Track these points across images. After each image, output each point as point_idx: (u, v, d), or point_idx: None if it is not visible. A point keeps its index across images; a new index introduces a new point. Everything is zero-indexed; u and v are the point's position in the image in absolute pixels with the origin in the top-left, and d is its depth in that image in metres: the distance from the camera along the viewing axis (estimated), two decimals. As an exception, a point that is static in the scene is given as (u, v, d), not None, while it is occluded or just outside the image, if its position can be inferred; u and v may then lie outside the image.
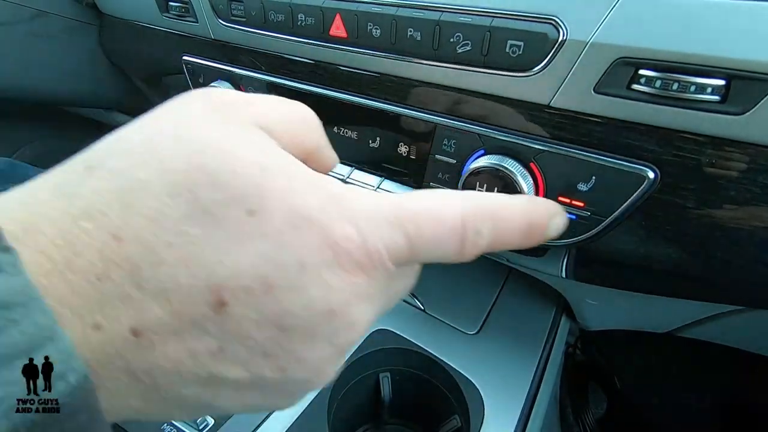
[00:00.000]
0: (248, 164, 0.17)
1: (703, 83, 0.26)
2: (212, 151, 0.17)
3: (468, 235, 0.20)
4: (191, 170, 0.16)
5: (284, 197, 0.17)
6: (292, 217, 0.17)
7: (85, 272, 0.15)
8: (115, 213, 0.16)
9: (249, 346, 0.17)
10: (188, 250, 0.16)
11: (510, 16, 0.31)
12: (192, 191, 0.16)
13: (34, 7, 0.66)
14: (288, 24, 0.42)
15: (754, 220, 0.30)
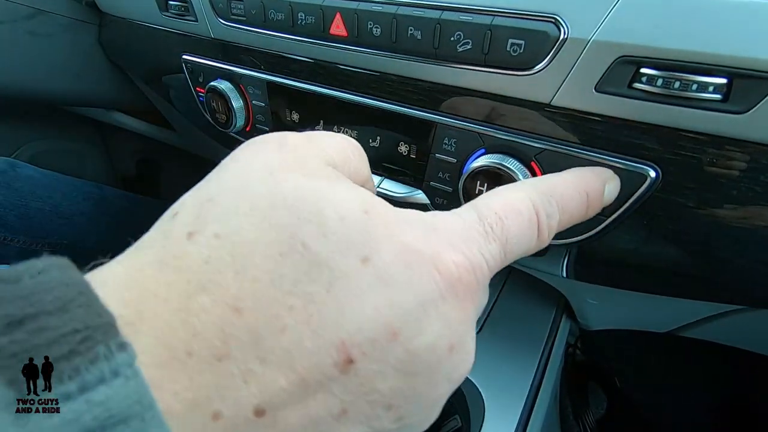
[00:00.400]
0: (352, 209, 0.17)
1: (704, 82, 0.26)
2: (314, 199, 0.16)
3: (543, 221, 0.21)
4: (299, 222, 0.16)
5: (391, 238, 0.17)
6: (403, 257, 0.16)
7: (205, 356, 0.14)
8: (230, 282, 0.15)
9: (372, 401, 0.16)
10: (310, 309, 0.15)
11: (511, 14, 0.31)
12: (305, 245, 0.15)
13: (32, 6, 0.66)
14: (288, 23, 0.42)
15: (756, 219, 0.29)
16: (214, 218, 0.16)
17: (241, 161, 0.19)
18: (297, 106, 0.48)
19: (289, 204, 0.16)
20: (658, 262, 0.35)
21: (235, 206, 0.16)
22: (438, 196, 0.41)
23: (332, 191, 0.17)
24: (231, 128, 0.52)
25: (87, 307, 0.13)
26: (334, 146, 0.21)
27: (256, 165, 0.18)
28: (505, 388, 0.48)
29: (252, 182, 0.17)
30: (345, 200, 0.17)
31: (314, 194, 0.17)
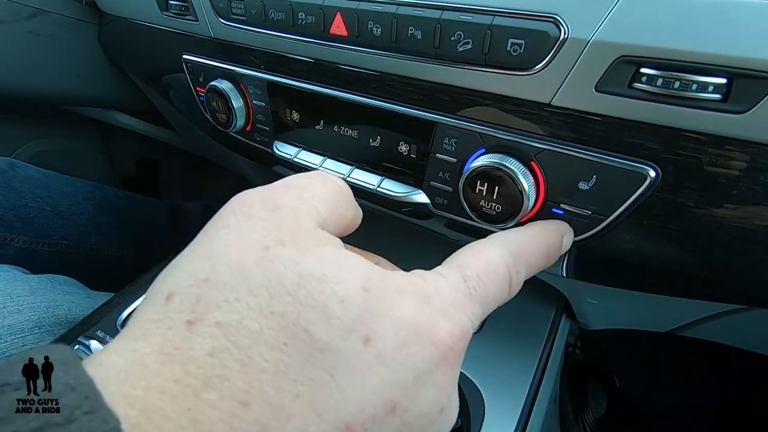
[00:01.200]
0: (352, 289, 0.17)
1: (704, 82, 0.26)
2: (314, 282, 0.17)
3: (514, 279, 0.24)
4: (302, 309, 0.16)
5: (390, 315, 0.17)
6: (400, 334, 0.17)
7: None
8: (236, 375, 0.15)
9: None
10: (314, 395, 0.15)
11: (511, 14, 0.31)
12: (308, 332, 0.16)
13: (33, 6, 0.66)
14: (288, 22, 0.42)
15: (756, 219, 0.30)
16: (215, 305, 0.16)
17: (232, 229, 0.19)
18: (297, 106, 0.48)
19: (290, 291, 0.16)
20: (657, 262, 0.36)
21: (235, 291, 0.16)
22: (438, 196, 0.42)
23: (331, 271, 0.17)
24: (231, 128, 0.52)
25: (92, 414, 0.13)
26: (324, 199, 0.21)
27: (248, 238, 0.18)
28: (505, 388, 0.48)
29: (247, 262, 0.17)
30: (345, 280, 0.17)
31: (314, 277, 0.17)
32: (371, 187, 0.45)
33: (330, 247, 0.19)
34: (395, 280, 0.20)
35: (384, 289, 0.18)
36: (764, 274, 0.32)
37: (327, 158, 0.48)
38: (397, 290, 0.19)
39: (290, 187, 0.21)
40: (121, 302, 0.55)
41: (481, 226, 0.40)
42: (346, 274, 0.18)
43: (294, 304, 0.16)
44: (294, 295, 0.16)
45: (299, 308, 0.16)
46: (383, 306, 0.18)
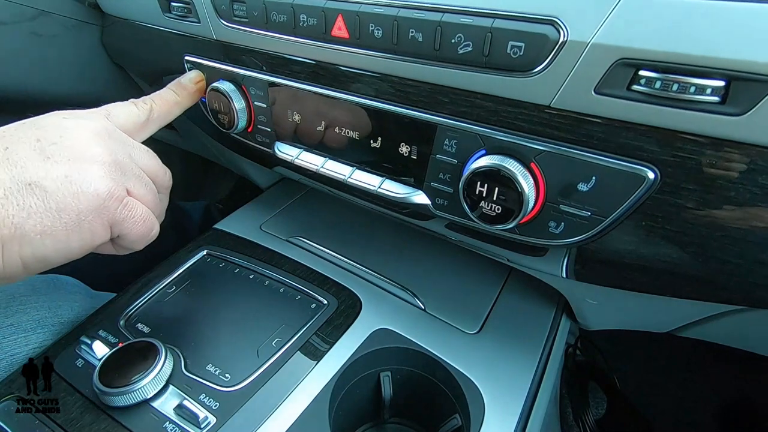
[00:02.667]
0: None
1: (702, 84, 0.27)
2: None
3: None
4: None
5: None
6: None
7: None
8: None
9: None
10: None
11: (511, 17, 0.31)
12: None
13: (36, 7, 0.66)
14: (290, 24, 0.42)
15: (754, 220, 0.30)
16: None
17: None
18: (298, 107, 0.48)
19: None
20: (657, 263, 0.36)
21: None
22: (438, 197, 0.42)
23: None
24: (233, 129, 0.53)
25: None
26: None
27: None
28: (505, 388, 0.48)
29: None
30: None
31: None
32: (372, 188, 0.45)
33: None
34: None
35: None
36: (762, 275, 0.32)
37: (328, 159, 0.48)
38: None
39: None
40: (122, 302, 0.55)
41: (481, 227, 0.40)
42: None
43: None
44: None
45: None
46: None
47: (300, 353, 0.50)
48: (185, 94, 0.52)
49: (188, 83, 0.52)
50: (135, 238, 0.41)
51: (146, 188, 0.42)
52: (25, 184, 0.33)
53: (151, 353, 0.45)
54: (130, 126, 0.45)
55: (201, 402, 0.44)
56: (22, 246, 0.33)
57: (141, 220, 0.40)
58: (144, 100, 0.48)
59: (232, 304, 0.55)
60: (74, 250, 0.37)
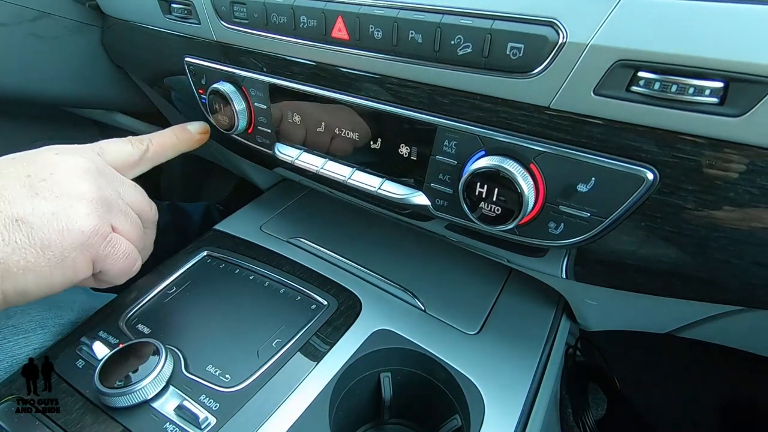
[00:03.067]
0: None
1: (701, 85, 0.27)
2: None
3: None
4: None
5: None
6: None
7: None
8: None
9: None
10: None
11: (511, 18, 0.31)
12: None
13: (36, 9, 0.66)
14: (290, 26, 0.42)
15: (753, 221, 0.30)
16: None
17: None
18: (298, 108, 0.48)
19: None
20: (656, 263, 0.36)
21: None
22: (438, 198, 0.42)
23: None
24: (233, 130, 0.53)
25: None
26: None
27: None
28: (505, 388, 0.49)
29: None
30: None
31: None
32: (372, 189, 0.45)
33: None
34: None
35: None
36: (760, 275, 0.32)
37: (328, 160, 0.49)
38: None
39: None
40: (123, 303, 0.55)
41: (481, 228, 0.40)
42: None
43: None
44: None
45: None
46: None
47: (300, 354, 0.50)
48: (185, 140, 0.53)
49: (193, 131, 0.54)
50: (116, 274, 0.42)
51: (131, 224, 0.43)
52: (12, 220, 0.34)
53: (152, 354, 0.45)
54: (120, 163, 0.46)
55: (201, 402, 0.44)
56: (4, 280, 0.34)
57: (124, 257, 0.41)
58: (141, 140, 0.49)
59: (232, 304, 0.55)
60: (56, 285, 0.37)
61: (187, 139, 0.53)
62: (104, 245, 0.39)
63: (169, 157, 0.52)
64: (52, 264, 0.36)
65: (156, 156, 0.50)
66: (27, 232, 0.35)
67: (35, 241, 0.35)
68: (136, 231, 0.43)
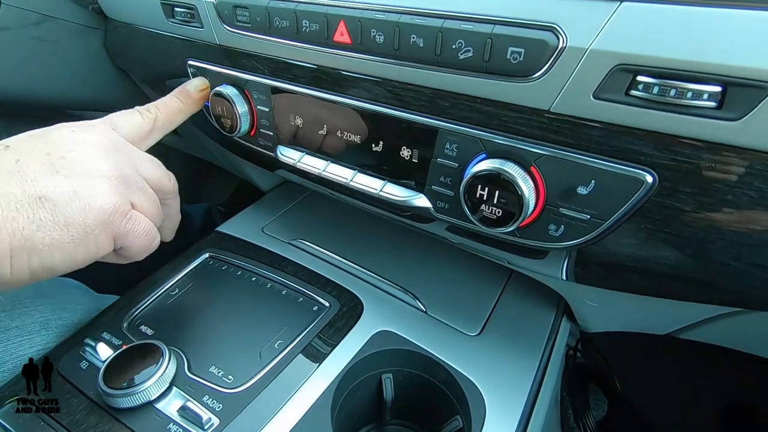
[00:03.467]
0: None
1: (699, 90, 0.27)
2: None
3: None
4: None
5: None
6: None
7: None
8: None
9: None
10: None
11: (511, 23, 0.32)
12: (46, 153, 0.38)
13: (40, 12, 0.67)
14: (293, 30, 0.43)
15: (751, 223, 0.30)
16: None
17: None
18: (300, 111, 0.48)
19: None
20: (656, 265, 0.36)
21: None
22: (440, 200, 0.42)
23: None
24: (236, 133, 0.53)
25: None
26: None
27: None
28: (506, 389, 0.49)
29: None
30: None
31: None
32: (374, 191, 0.46)
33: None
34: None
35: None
36: (759, 277, 0.33)
37: (330, 162, 0.49)
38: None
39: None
40: (125, 305, 0.56)
41: (481, 230, 0.40)
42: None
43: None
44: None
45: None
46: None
47: (302, 355, 0.50)
48: (189, 102, 0.52)
49: (192, 90, 0.53)
50: (137, 250, 0.42)
51: (149, 201, 0.43)
52: (36, 198, 0.35)
53: (155, 355, 0.46)
54: (134, 135, 0.46)
55: (204, 403, 0.44)
56: (31, 257, 0.35)
57: (144, 233, 0.42)
58: (148, 108, 0.49)
59: (234, 306, 0.56)
60: (79, 261, 0.38)
61: (191, 100, 0.53)
62: (125, 222, 0.39)
63: (178, 123, 0.51)
64: (75, 241, 0.36)
65: (166, 123, 0.50)
66: (51, 209, 0.35)
67: (59, 219, 0.35)
68: (154, 208, 0.43)
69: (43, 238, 0.35)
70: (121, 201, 0.39)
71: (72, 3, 0.70)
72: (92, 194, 0.37)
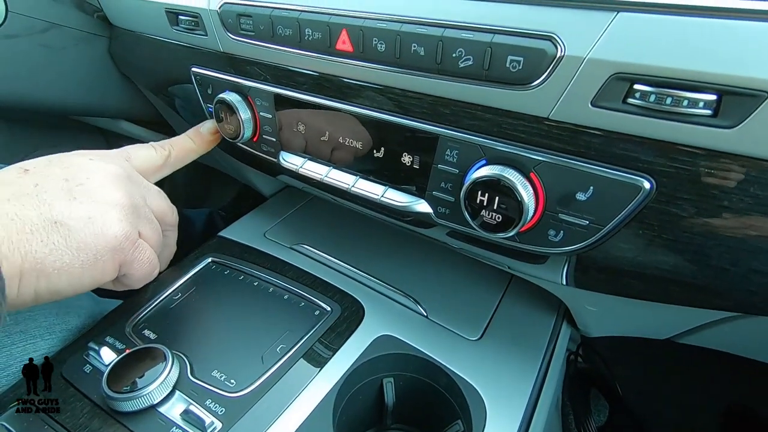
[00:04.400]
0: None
1: (695, 98, 0.28)
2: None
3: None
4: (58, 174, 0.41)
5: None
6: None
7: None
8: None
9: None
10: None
11: (510, 32, 0.32)
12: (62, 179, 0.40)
13: (46, 20, 0.68)
14: (295, 38, 0.43)
15: (747, 229, 0.31)
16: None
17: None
18: (303, 118, 0.49)
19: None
20: (655, 270, 0.36)
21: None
22: (440, 206, 0.43)
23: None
24: (239, 139, 0.54)
25: None
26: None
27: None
28: (507, 394, 0.49)
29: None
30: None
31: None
32: (375, 196, 0.46)
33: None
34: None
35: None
36: (756, 282, 0.33)
37: (332, 168, 0.49)
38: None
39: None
40: (129, 309, 0.56)
41: (482, 235, 0.41)
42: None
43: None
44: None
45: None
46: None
47: (304, 360, 0.50)
48: (201, 142, 0.56)
49: (206, 133, 0.56)
50: (138, 278, 0.44)
51: (153, 231, 0.45)
52: (51, 222, 0.36)
53: (158, 359, 0.46)
54: (146, 168, 0.49)
55: (207, 407, 0.45)
56: (39, 279, 0.35)
57: (147, 262, 0.43)
58: (163, 145, 0.52)
59: (236, 310, 0.56)
60: (85, 285, 0.39)
61: (203, 141, 0.56)
62: (132, 250, 0.41)
63: (188, 161, 0.55)
64: (84, 266, 0.37)
65: (177, 160, 0.53)
66: (65, 234, 0.36)
67: (71, 243, 0.36)
68: (157, 237, 0.45)
69: (54, 262, 0.36)
70: (131, 229, 0.40)
71: (77, 11, 0.71)
72: (106, 221, 0.39)
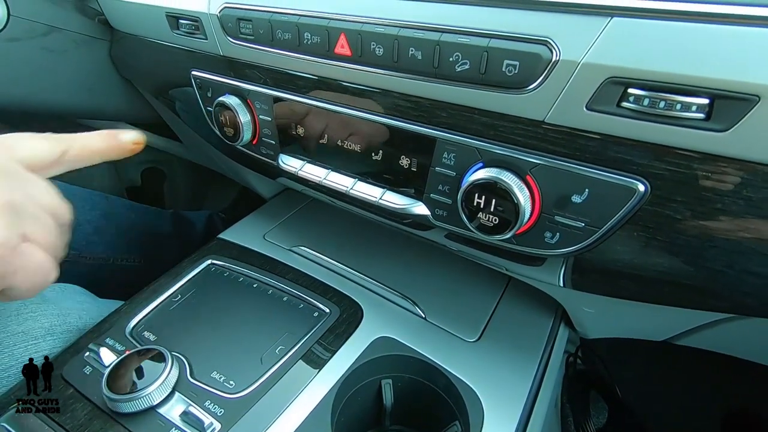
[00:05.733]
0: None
1: (688, 102, 0.28)
2: None
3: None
4: None
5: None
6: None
7: None
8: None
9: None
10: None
11: (506, 37, 0.33)
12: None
13: (48, 24, 0.68)
14: (295, 42, 0.44)
15: (741, 231, 0.31)
16: None
17: None
18: (302, 121, 0.49)
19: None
20: (649, 272, 0.37)
21: None
22: (438, 208, 0.43)
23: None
24: (238, 141, 0.54)
25: None
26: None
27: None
28: (504, 395, 0.49)
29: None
30: None
31: None
32: (373, 199, 0.47)
33: None
34: None
35: None
36: (751, 284, 0.33)
37: (331, 171, 0.50)
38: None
39: None
40: (129, 311, 0.56)
41: (479, 237, 0.41)
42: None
43: None
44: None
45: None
46: None
47: (302, 361, 0.50)
48: (115, 147, 0.45)
49: (125, 138, 0.45)
50: (26, 289, 0.36)
51: (44, 229, 0.36)
52: None
53: (158, 360, 0.46)
54: (34, 162, 0.39)
55: (206, 408, 0.45)
56: None
57: (37, 269, 0.35)
58: (60, 138, 0.42)
59: (236, 312, 0.56)
60: None
61: (117, 146, 0.45)
62: (13, 259, 0.33)
63: (93, 163, 0.44)
64: None
65: (78, 159, 0.43)
66: None
67: None
68: (51, 237, 0.37)
69: None
70: (9, 233, 0.32)
71: (79, 14, 0.71)
72: None
